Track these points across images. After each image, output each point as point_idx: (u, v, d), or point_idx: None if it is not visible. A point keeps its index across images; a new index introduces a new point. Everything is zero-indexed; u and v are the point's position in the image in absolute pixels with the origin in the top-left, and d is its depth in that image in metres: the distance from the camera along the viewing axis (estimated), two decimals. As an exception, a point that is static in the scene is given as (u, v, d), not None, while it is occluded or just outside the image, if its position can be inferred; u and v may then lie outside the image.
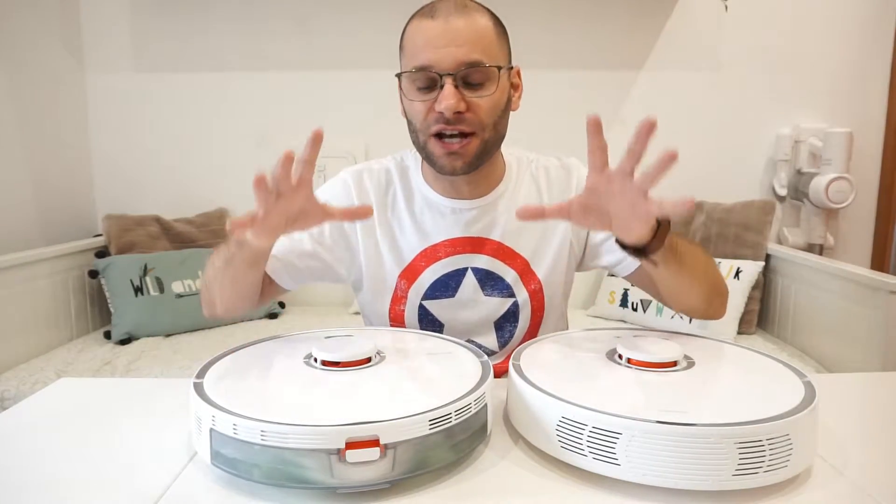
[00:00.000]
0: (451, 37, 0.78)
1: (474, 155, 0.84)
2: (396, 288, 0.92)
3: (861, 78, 2.26)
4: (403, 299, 0.92)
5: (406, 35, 0.84)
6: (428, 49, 0.79)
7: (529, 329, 0.94)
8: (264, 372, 0.65)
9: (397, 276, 0.92)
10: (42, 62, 2.11)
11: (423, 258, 0.91)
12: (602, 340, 0.74)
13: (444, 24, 0.79)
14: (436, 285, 0.91)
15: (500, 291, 0.92)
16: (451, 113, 0.79)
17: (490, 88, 0.81)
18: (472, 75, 0.80)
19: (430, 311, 0.92)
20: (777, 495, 0.52)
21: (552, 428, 0.56)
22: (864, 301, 1.60)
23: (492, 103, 0.82)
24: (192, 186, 2.35)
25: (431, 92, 0.81)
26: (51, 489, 0.54)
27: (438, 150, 0.83)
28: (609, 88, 2.30)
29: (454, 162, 0.83)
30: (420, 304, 0.92)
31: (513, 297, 0.92)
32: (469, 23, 0.80)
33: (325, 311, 2.26)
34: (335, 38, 2.27)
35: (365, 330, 0.87)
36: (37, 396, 0.76)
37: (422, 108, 0.82)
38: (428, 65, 0.79)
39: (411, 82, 0.83)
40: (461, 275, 0.91)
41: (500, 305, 0.92)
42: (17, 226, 1.98)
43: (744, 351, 0.72)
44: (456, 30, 0.79)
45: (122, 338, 1.89)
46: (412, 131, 0.86)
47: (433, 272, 0.91)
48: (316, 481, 0.50)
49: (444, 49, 0.78)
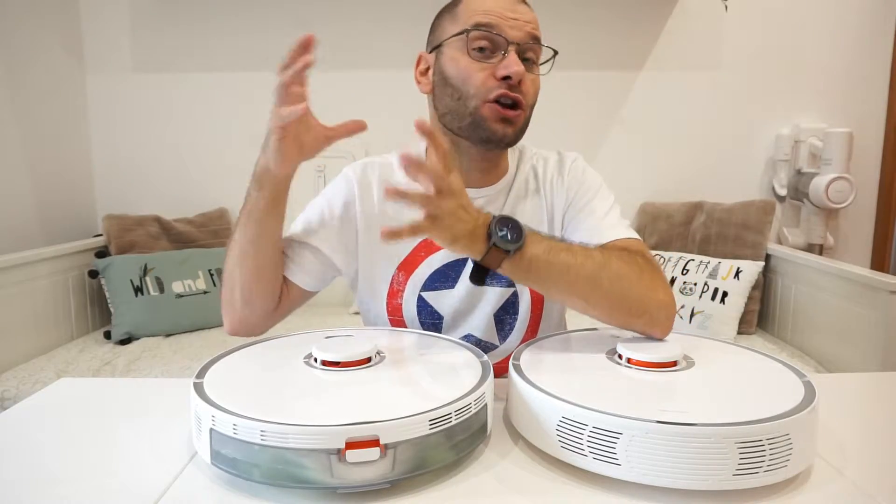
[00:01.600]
0: (519, 12, 0.82)
1: (519, 128, 0.84)
2: (393, 281, 0.91)
3: (861, 78, 2.26)
4: (401, 292, 0.91)
5: (461, 5, 0.84)
6: (495, 14, 0.81)
7: (531, 322, 0.92)
8: (264, 372, 0.65)
9: (395, 269, 0.90)
10: (42, 63, 2.11)
11: (422, 248, 0.90)
12: (602, 340, 0.74)
13: (513, 2, 0.83)
14: (435, 276, 0.90)
15: (500, 281, 0.90)
16: (517, 79, 0.80)
17: (537, 69, 0.85)
18: (531, 51, 0.83)
19: (429, 303, 0.91)
20: (777, 495, 0.52)
21: (552, 428, 0.56)
22: (864, 301, 1.60)
23: (538, 84, 0.85)
24: (192, 186, 2.35)
25: (490, 57, 0.81)
26: (51, 489, 0.54)
27: (494, 115, 0.81)
28: (609, 88, 2.30)
29: (506, 128, 0.82)
30: (419, 295, 0.90)
31: (513, 287, 0.91)
32: (531, 10, 0.85)
33: (325, 311, 2.26)
34: (335, 38, 2.27)
35: (365, 330, 0.87)
36: (37, 396, 0.76)
37: (480, 69, 0.81)
38: (495, 26, 0.80)
39: (469, 42, 0.81)
40: (461, 265, 0.90)
41: (501, 296, 0.91)
42: (17, 226, 1.98)
43: (744, 351, 0.72)
44: (523, 9, 0.83)
45: (122, 338, 1.89)
46: (458, 97, 0.83)
47: (432, 263, 0.90)
48: (316, 481, 0.50)
49: (513, 20, 0.81)
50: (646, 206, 2.31)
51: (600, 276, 0.73)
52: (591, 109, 2.30)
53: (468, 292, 0.90)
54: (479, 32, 0.81)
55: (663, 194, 2.31)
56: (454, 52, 0.83)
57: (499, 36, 0.80)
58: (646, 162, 2.31)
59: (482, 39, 0.81)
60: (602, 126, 2.30)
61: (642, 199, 2.33)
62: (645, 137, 2.32)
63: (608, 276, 0.74)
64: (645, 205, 2.31)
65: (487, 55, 0.81)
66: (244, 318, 0.83)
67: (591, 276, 0.73)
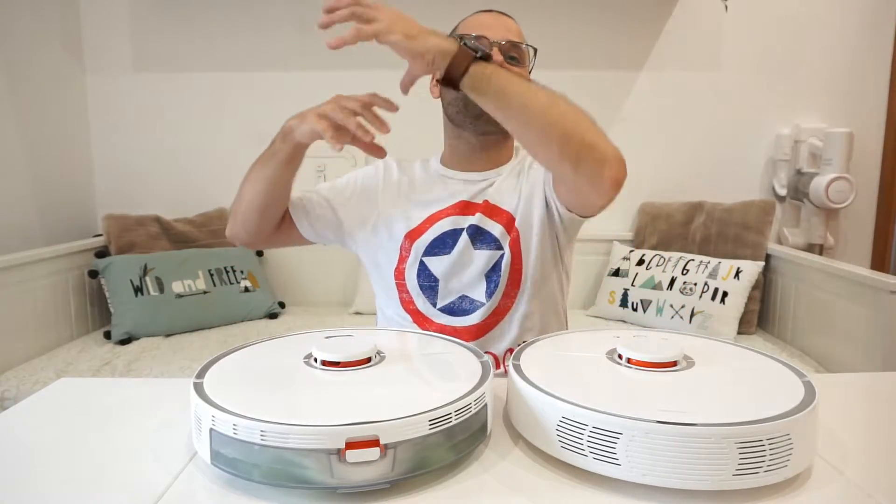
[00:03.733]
0: (502, 24, 1.01)
1: None
2: (402, 247, 1.01)
3: (861, 78, 2.26)
4: (407, 257, 1.01)
5: (463, 23, 1.03)
6: (483, 27, 0.98)
7: (510, 276, 0.99)
8: (264, 372, 0.65)
9: (403, 236, 1.01)
10: (42, 63, 2.11)
11: (427, 222, 1.02)
12: (602, 340, 0.74)
13: (497, 17, 1.02)
14: (435, 243, 1.00)
15: (489, 245, 1.00)
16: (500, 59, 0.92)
17: (522, 68, 0.99)
18: (514, 50, 0.98)
19: (428, 267, 1.01)
20: (777, 495, 0.52)
21: (552, 428, 0.56)
22: (864, 301, 1.60)
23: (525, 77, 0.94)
24: (192, 186, 2.35)
25: None
26: (51, 489, 0.54)
27: None
28: (609, 88, 2.30)
29: None
30: (420, 260, 1.01)
31: (500, 250, 0.99)
32: (514, 23, 1.03)
33: (325, 311, 2.26)
34: (335, 38, 2.26)
35: (365, 330, 0.87)
36: (37, 396, 0.76)
37: None
38: (483, 34, 0.96)
39: None
40: (458, 233, 1.00)
41: (490, 258, 0.99)
42: (17, 226, 1.98)
43: (744, 351, 0.72)
44: (506, 22, 1.02)
45: (122, 338, 1.89)
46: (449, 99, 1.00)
47: (434, 231, 1.01)
48: (316, 481, 0.50)
49: (497, 29, 0.99)
50: (646, 206, 2.31)
51: (556, 102, 0.82)
52: (591, 109, 2.28)
53: (461, 255, 1.00)
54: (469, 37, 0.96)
55: (663, 194, 2.31)
56: None
57: (484, 38, 0.96)
58: (646, 162, 2.31)
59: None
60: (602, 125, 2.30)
61: (642, 199, 2.33)
62: (645, 137, 2.32)
63: (564, 106, 0.83)
64: (645, 205, 2.31)
65: None
66: (244, 227, 1.01)
67: (548, 101, 0.82)
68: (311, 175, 2.29)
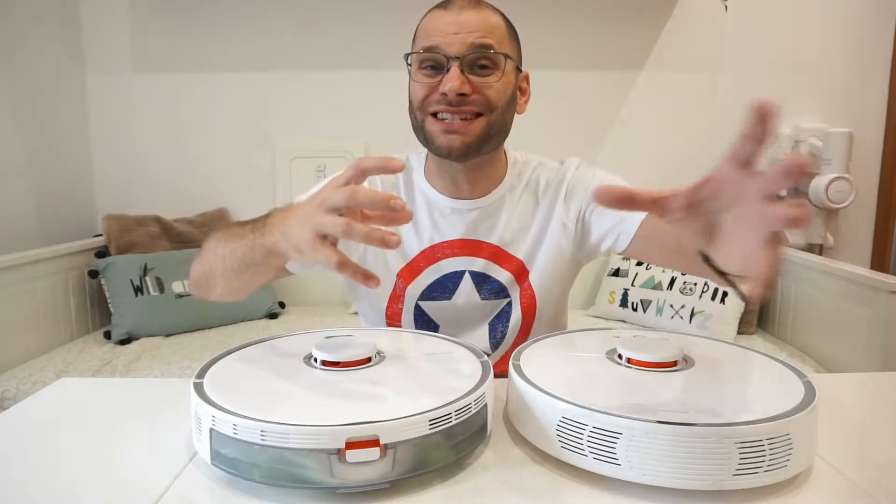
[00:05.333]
0: (461, 25, 0.82)
1: (477, 135, 0.83)
2: (395, 287, 0.92)
3: (861, 78, 2.26)
4: (401, 297, 0.92)
5: (419, 26, 0.86)
6: (437, 33, 0.82)
7: (521, 328, 0.93)
8: (264, 372, 0.65)
9: (396, 274, 0.91)
10: (42, 63, 2.11)
11: (422, 259, 0.91)
12: (602, 340, 0.74)
13: (457, 14, 0.83)
14: (433, 287, 0.92)
15: (496, 293, 0.92)
16: (454, 95, 0.80)
17: (496, 74, 0.83)
18: (479, 60, 0.82)
19: (426, 312, 0.92)
20: (777, 495, 0.52)
21: (552, 428, 0.56)
22: (864, 301, 1.60)
23: (498, 89, 0.83)
24: (192, 186, 2.35)
25: (437, 75, 0.83)
26: (51, 489, 0.54)
27: (436, 128, 0.83)
28: (609, 88, 2.30)
29: (452, 141, 0.82)
30: (417, 304, 0.92)
31: (507, 298, 0.92)
32: (480, 15, 0.83)
33: (325, 311, 2.26)
34: (335, 38, 2.27)
35: (365, 330, 0.87)
36: (37, 396, 0.76)
37: (423, 88, 0.84)
38: (435, 46, 0.82)
39: (418, 64, 0.84)
40: (458, 277, 0.91)
41: (495, 306, 0.93)
42: (17, 226, 1.98)
43: (744, 351, 0.72)
44: (467, 19, 0.82)
45: (122, 338, 1.89)
46: (411, 112, 0.87)
47: (431, 274, 0.91)
48: (316, 481, 0.50)
49: (454, 35, 0.81)
50: (646, 206, 2.31)
51: None
52: (591, 109, 2.30)
53: (465, 304, 0.92)
54: (421, 56, 0.83)
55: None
56: (413, 68, 0.86)
57: (440, 55, 0.82)
58: (646, 162, 2.31)
59: (426, 61, 0.84)
60: (602, 126, 2.30)
61: (642, 199, 2.33)
62: (645, 137, 2.32)
63: None
64: (645, 205, 2.31)
65: (433, 73, 0.83)
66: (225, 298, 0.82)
67: None
68: (311, 175, 2.29)
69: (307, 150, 2.31)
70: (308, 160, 2.31)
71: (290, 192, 2.29)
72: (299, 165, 2.31)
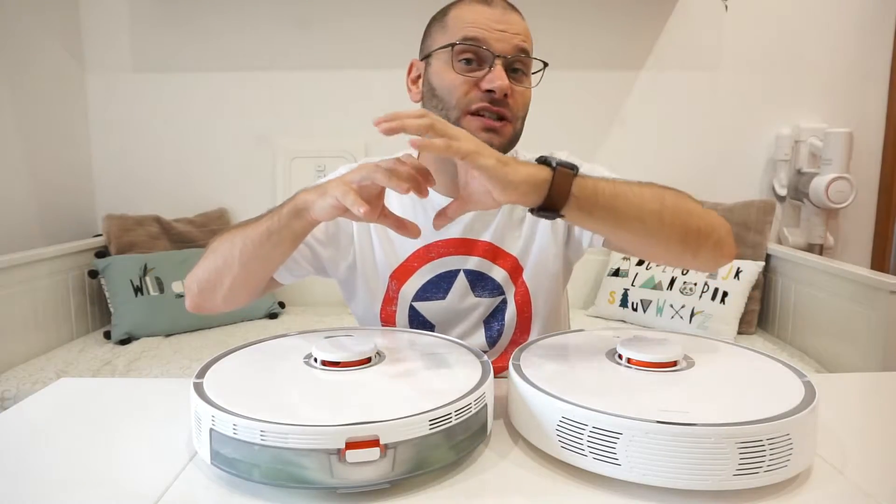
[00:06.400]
0: (507, 23, 0.81)
1: (508, 138, 0.83)
2: (388, 288, 0.91)
3: (861, 78, 2.26)
4: (395, 299, 0.91)
5: (451, 15, 0.84)
6: (483, 27, 0.80)
7: (517, 326, 0.93)
8: (264, 372, 0.65)
9: (389, 276, 0.90)
10: (42, 62, 2.11)
11: (415, 259, 0.90)
12: (602, 340, 0.74)
13: (503, 12, 0.82)
14: (427, 287, 0.91)
15: (490, 291, 0.92)
16: (501, 94, 0.79)
17: (527, 81, 0.84)
18: (519, 63, 0.82)
19: (420, 313, 0.91)
20: (777, 495, 0.52)
21: (552, 428, 0.56)
22: (864, 301, 1.60)
23: (527, 96, 0.84)
24: (192, 186, 2.35)
25: (476, 70, 0.81)
26: (51, 489, 0.54)
27: (475, 126, 0.81)
28: (609, 88, 2.30)
29: (491, 139, 0.81)
30: (411, 305, 0.91)
31: (502, 295, 0.92)
32: (520, 18, 0.84)
33: (325, 311, 2.26)
34: (335, 38, 2.27)
35: (365, 330, 0.87)
36: (37, 396, 0.76)
37: (463, 82, 0.81)
38: (482, 39, 0.80)
39: (454, 55, 0.81)
40: (453, 276, 0.90)
41: (490, 304, 0.92)
42: (17, 226, 1.98)
43: (744, 351, 0.72)
44: (513, 20, 0.82)
45: (122, 338, 1.89)
46: (441, 108, 0.83)
47: (424, 274, 0.90)
48: (316, 481, 0.50)
49: (501, 33, 0.80)
50: (646, 206, 2.30)
51: (662, 198, 0.70)
52: (591, 109, 2.30)
53: (460, 303, 0.91)
54: (464, 46, 0.80)
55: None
56: (441, 63, 0.83)
57: (485, 49, 0.80)
58: (645, 162, 2.31)
59: (468, 52, 0.81)
60: (602, 126, 2.30)
61: (642, 199, 2.33)
62: (645, 137, 2.32)
63: (670, 198, 0.71)
64: (645, 205, 2.31)
65: (473, 68, 0.81)
66: (227, 302, 0.81)
67: (656, 202, 0.70)
68: (312, 175, 2.29)
69: (307, 149, 2.31)
70: (308, 160, 2.30)
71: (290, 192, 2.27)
72: (299, 165, 2.31)
